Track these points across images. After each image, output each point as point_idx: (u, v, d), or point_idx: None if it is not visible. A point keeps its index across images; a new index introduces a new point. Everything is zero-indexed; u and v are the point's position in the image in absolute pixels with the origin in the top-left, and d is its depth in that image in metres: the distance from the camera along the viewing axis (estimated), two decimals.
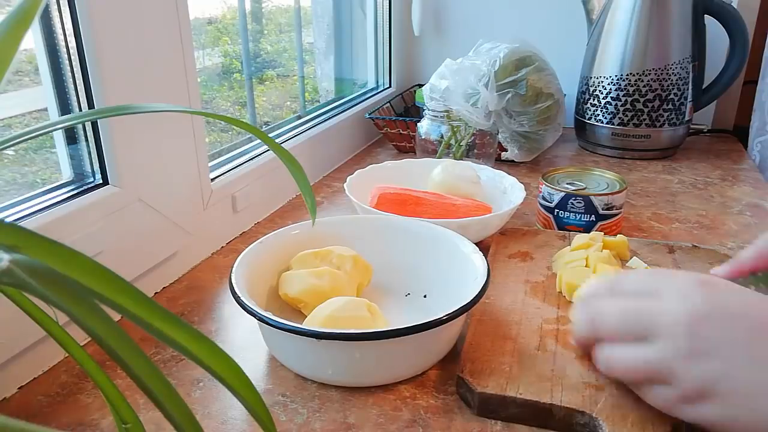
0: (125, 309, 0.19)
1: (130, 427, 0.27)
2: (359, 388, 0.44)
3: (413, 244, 0.56)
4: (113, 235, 0.51)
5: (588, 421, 0.38)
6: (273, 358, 0.47)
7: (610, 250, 0.57)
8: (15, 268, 0.16)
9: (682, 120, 1.00)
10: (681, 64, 0.96)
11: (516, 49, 0.91)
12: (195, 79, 0.59)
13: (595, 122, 1.03)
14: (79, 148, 0.53)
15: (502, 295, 0.53)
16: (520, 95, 0.88)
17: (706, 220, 0.75)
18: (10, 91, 0.55)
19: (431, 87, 0.89)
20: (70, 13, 0.47)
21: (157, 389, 0.18)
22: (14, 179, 0.56)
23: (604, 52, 1.00)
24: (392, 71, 1.27)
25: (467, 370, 0.42)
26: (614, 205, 0.66)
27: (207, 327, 0.52)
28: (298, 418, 0.41)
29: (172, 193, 0.58)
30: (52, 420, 0.41)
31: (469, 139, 0.87)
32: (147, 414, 0.41)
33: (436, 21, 1.27)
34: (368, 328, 0.43)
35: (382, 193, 0.67)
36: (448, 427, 0.40)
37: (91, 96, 0.49)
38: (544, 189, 0.69)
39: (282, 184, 0.80)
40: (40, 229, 0.44)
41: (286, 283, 0.50)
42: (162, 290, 0.58)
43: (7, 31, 0.24)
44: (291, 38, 1.11)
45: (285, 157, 0.33)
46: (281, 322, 0.41)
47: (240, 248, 0.51)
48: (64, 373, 0.46)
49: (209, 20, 0.94)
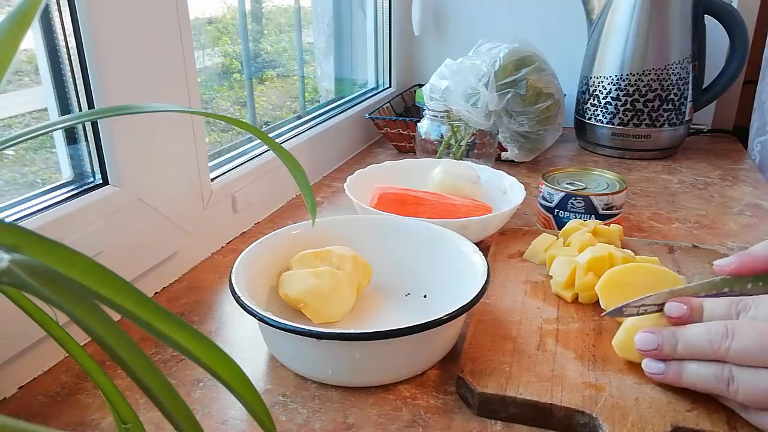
0: (125, 309, 0.19)
1: (130, 427, 0.27)
2: (359, 388, 0.44)
3: (413, 244, 0.56)
4: (113, 235, 0.51)
5: (588, 421, 0.38)
6: (273, 358, 0.47)
7: (601, 237, 0.59)
8: (15, 268, 0.16)
9: (682, 120, 1.00)
10: (681, 64, 0.96)
11: (516, 49, 0.91)
12: (195, 79, 0.59)
13: (595, 122, 1.03)
14: (79, 148, 0.53)
15: (502, 295, 0.53)
16: (520, 95, 0.88)
17: (706, 220, 0.75)
18: (10, 91, 0.55)
19: (431, 87, 0.89)
20: (70, 13, 0.47)
21: (157, 389, 0.18)
22: (14, 179, 0.56)
23: (604, 52, 1.00)
24: (392, 71, 1.27)
25: (467, 370, 0.42)
26: (614, 205, 0.66)
27: (207, 327, 0.52)
28: (298, 418, 0.41)
29: (172, 193, 0.58)
30: (52, 420, 0.41)
31: (469, 139, 0.87)
32: (147, 414, 0.41)
33: (436, 21, 1.27)
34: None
35: (382, 193, 0.67)
36: (448, 427, 0.40)
37: (91, 96, 0.49)
38: (544, 189, 0.69)
39: (282, 184, 0.80)
40: (40, 229, 0.44)
41: (286, 283, 0.50)
42: (162, 290, 0.58)
43: (7, 31, 0.24)
44: (291, 38, 1.11)
45: (285, 157, 0.33)
46: (281, 322, 0.41)
47: (240, 248, 0.51)
48: (64, 373, 0.46)
49: (209, 20, 0.94)
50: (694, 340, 0.39)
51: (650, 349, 0.40)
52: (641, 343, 0.41)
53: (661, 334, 0.40)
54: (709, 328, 0.38)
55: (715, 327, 0.38)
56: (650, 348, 0.40)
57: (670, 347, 0.40)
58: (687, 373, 0.39)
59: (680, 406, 0.39)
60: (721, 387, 0.37)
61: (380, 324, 0.43)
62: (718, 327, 0.38)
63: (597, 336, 0.47)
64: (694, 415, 0.38)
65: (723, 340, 0.37)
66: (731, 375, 0.37)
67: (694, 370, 0.39)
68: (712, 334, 0.38)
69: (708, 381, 0.38)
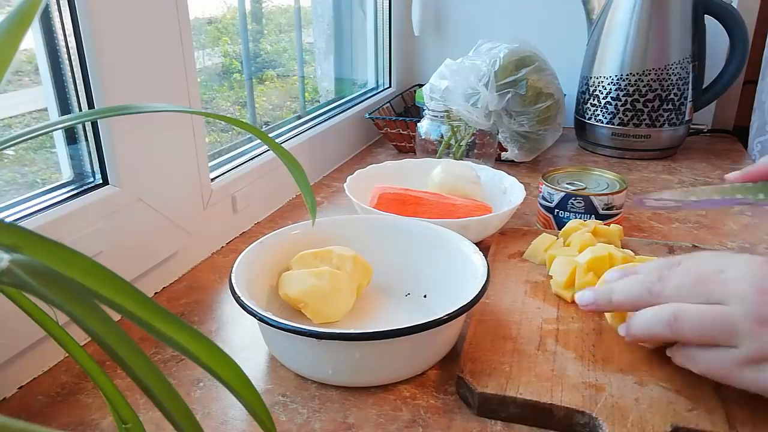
0: (125, 309, 0.19)
1: (130, 427, 0.27)
2: (359, 388, 0.44)
3: (413, 244, 0.56)
4: (113, 235, 0.51)
5: (588, 421, 0.38)
6: (273, 358, 0.47)
7: (601, 237, 0.59)
8: (15, 268, 0.16)
9: (682, 120, 1.00)
10: (681, 64, 0.96)
11: (516, 49, 0.91)
12: (195, 79, 0.59)
13: (595, 122, 1.03)
14: (79, 148, 0.53)
15: (502, 295, 0.53)
16: (520, 95, 0.88)
17: (706, 220, 0.75)
18: (10, 91, 0.55)
19: (431, 87, 0.89)
20: (70, 13, 0.47)
21: (157, 389, 0.18)
22: (14, 179, 0.56)
23: (604, 52, 1.00)
24: (392, 71, 1.27)
25: (467, 370, 0.42)
26: (614, 205, 0.66)
27: (207, 327, 0.52)
28: (298, 418, 0.41)
29: (172, 193, 0.58)
30: (52, 420, 0.41)
31: (469, 139, 0.87)
32: (147, 414, 0.41)
33: (436, 21, 1.27)
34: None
35: (382, 193, 0.67)
36: (448, 427, 0.40)
37: (91, 96, 0.49)
38: (544, 189, 0.69)
39: (282, 184, 0.80)
40: (40, 229, 0.44)
41: (286, 283, 0.50)
42: (162, 290, 0.58)
43: (7, 31, 0.24)
44: (291, 38, 1.11)
45: (285, 157, 0.33)
46: (281, 322, 0.41)
47: (240, 248, 0.51)
48: (64, 373, 0.46)
49: (209, 20, 0.94)
50: (629, 290, 0.41)
51: (587, 303, 0.44)
52: (579, 300, 0.44)
53: (596, 289, 0.44)
54: (643, 278, 0.41)
55: (648, 276, 0.41)
56: (587, 302, 0.44)
57: (604, 299, 0.42)
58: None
59: (680, 406, 0.39)
60: (662, 326, 0.39)
61: (380, 324, 0.43)
62: (651, 275, 0.41)
63: (597, 336, 0.47)
64: (694, 415, 0.38)
65: (657, 283, 0.40)
66: (672, 313, 0.38)
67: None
68: (646, 282, 0.40)
69: (650, 322, 0.39)
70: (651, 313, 0.39)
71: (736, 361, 0.36)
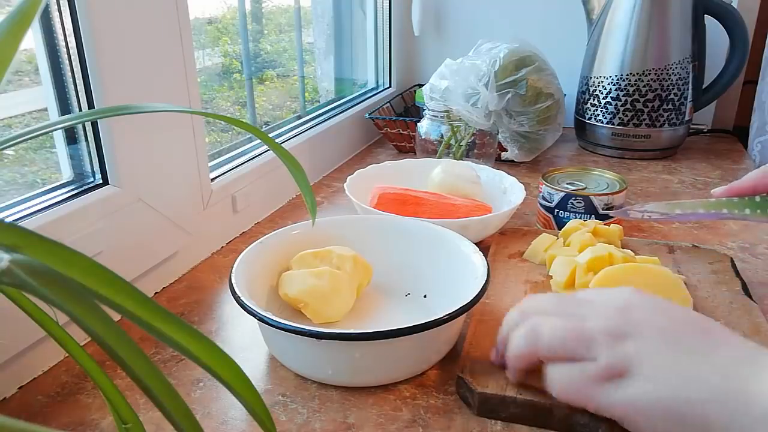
0: (125, 309, 0.19)
1: (130, 427, 0.27)
2: (359, 388, 0.44)
3: (413, 244, 0.56)
4: (113, 235, 0.51)
5: (588, 421, 0.38)
6: (273, 358, 0.47)
7: (601, 237, 0.59)
8: (15, 268, 0.16)
9: (682, 120, 1.00)
10: (681, 64, 0.96)
11: (516, 49, 0.91)
12: (195, 79, 0.59)
13: (595, 122, 1.03)
14: (79, 148, 0.53)
15: (502, 295, 0.53)
16: (520, 95, 0.88)
17: (706, 221, 0.75)
18: (10, 91, 0.55)
19: (431, 87, 0.89)
20: (70, 13, 0.47)
21: (157, 389, 0.18)
22: (14, 179, 0.56)
23: (604, 52, 1.00)
24: (392, 71, 1.27)
25: (467, 370, 0.42)
26: (614, 205, 0.66)
27: (207, 327, 0.52)
28: (298, 418, 0.41)
29: (172, 193, 0.58)
30: (52, 420, 0.41)
31: (469, 139, 0.87)
32: (147, 414, 0.41)
33: (436, 21, 1.27)
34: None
35: (382, 193, 0.67)
36: (448, 427, 0.40)
37: (91, 96, 0.49)
38: (544, 189, 0.69)
39: (282, 184, 0.80)
40: (40, 229, 0.44)
41: (286, 283, 0.50)
42: (162, 290, 0.58)
43: (7, 31, 0.24)
44: (291, 38, 1.11)
45: (285, 157, 0.33)
46: (281, 322, 0.41)
47: (240, 248, 0.51)
48: (64, 373, 0.46)
49: (209, 20, 0.94)
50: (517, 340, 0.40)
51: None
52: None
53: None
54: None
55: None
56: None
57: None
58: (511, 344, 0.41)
59: None
60: (523, 342, 0.39)
61: (380, 324, 0.43)
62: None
63: None
64: None
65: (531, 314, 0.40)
66: (531, 326, 0.39)
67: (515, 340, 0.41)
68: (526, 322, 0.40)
69: (513, 341, 0.40)
70: (515, 332, 0.40)
71: (592, 375, 0.35)
